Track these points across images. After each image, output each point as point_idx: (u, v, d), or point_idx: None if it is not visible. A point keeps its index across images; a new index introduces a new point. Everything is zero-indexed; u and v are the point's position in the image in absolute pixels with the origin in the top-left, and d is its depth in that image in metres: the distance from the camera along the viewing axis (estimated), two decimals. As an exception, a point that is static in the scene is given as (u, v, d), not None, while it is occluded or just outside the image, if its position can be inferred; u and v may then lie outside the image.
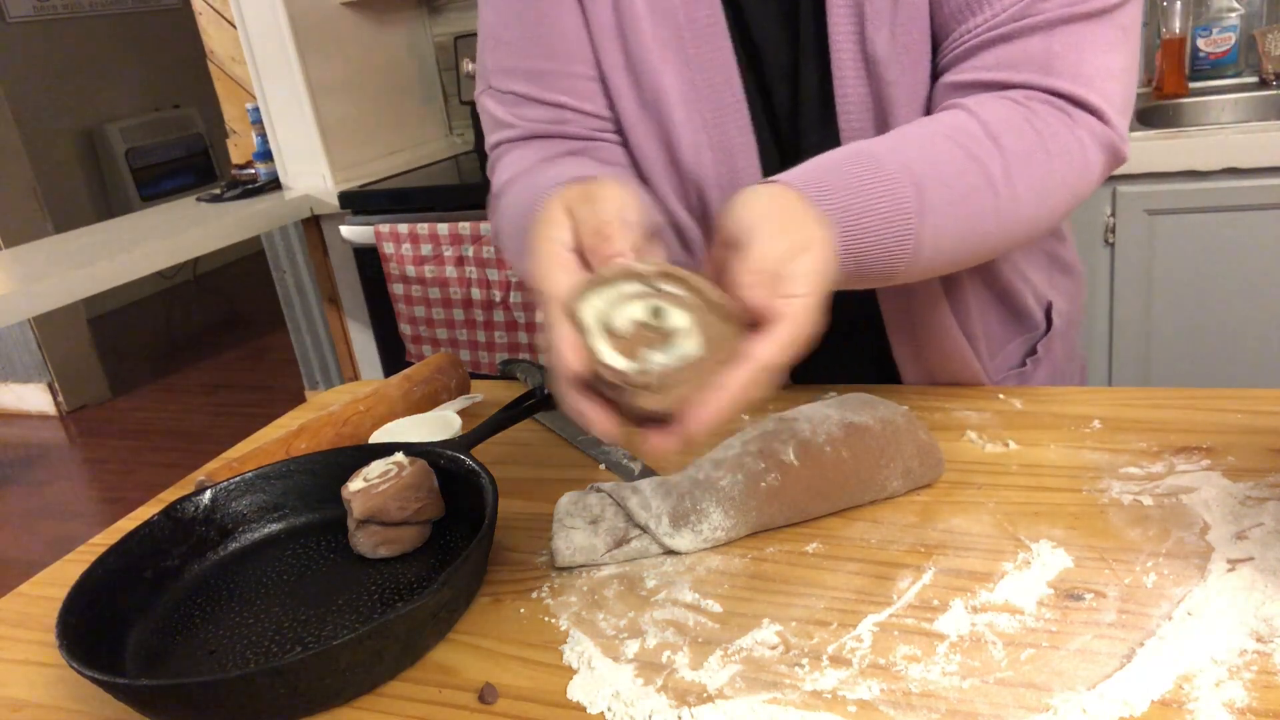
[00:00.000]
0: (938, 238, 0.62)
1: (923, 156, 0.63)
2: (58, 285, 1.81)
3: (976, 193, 0.63)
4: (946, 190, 0.62)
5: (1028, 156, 0.65)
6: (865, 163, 0.61)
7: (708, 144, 0.78)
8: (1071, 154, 0.67)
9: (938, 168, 0.62)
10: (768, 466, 0.64)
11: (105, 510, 3.11)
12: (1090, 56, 0.67)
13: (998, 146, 0.64)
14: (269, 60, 2.30)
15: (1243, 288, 1.67)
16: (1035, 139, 0.65)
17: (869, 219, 0.59)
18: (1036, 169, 0.65)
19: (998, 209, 0.64)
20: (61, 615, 0.58)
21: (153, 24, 5.17)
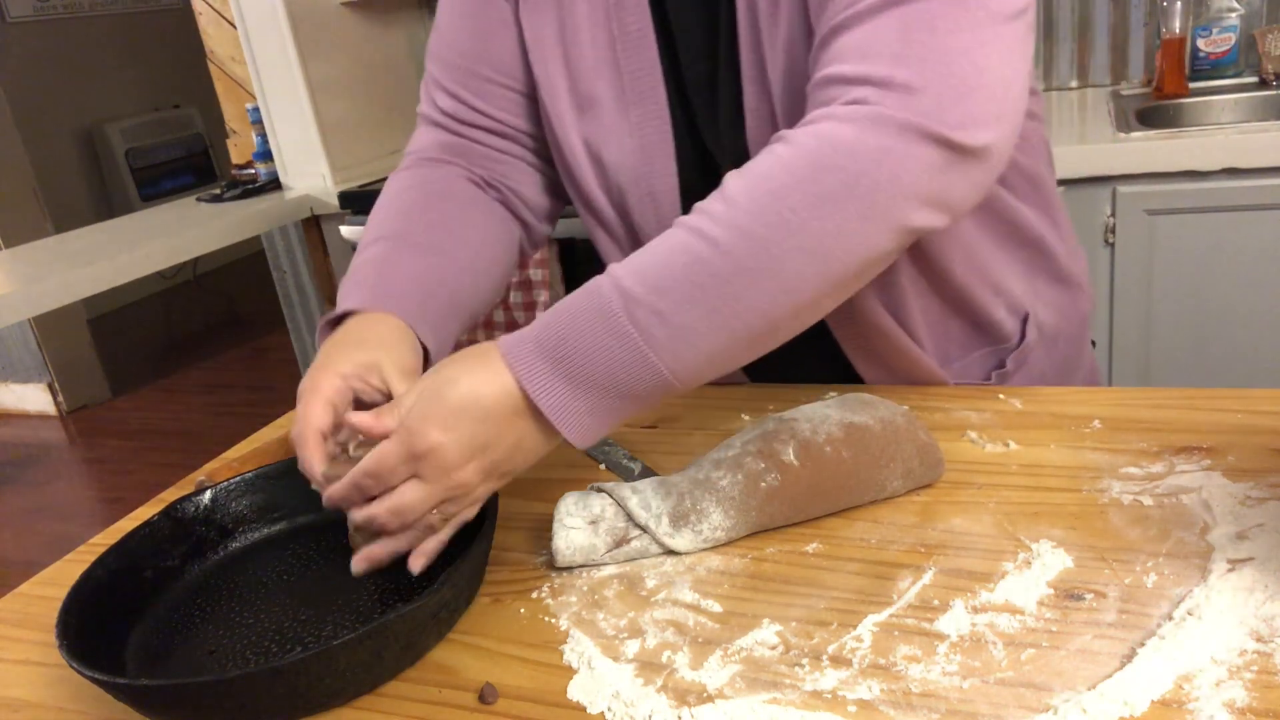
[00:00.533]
0: (689, 355, 0.59)
1: (655, 283, 0.59)
2: (58, 285, 1.81)
3: (722, 296, 0.58)
4: (683, 311, 0.58)
5: (786, 220, 0.59)
6: (590, 313, 0.59)
7: (631, 146, 0.81)
8: (862, 185, 0.58)
9: (669, 292, 0.59)
10: (768, 466, 0.64)
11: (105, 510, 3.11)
12: (928, 36, 0.59)
13: (744, 232, 0.59)
14: (269, 60, 2.30)
15: (1243, 288, 1.67)
16: (797, 195, 0.59)
17: (599, 370, 0.59)
18: (801, 227, 0.59)
19: (761, 295, 0.59)
20: (61, 615, 0.58)
21: (153, 24, 5.17)
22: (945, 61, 0.59)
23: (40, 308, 1.81)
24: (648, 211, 0.83)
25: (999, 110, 0.61)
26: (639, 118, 0.81)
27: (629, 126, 0.81)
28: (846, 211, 0.58)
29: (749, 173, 0.61)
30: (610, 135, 0.82)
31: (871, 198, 0.58)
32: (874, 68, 0.60)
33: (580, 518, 0.64)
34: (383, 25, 2.50)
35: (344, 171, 2.39)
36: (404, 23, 2.57)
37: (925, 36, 0.59)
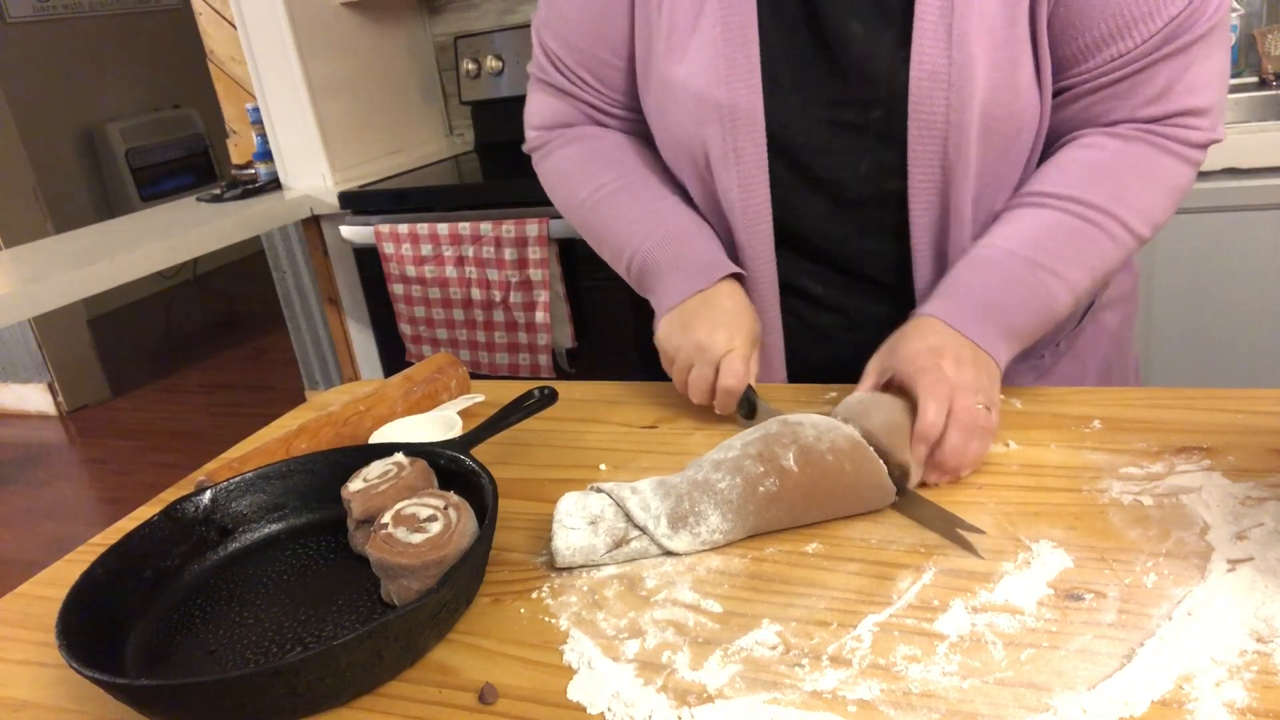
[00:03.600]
0: (1071, 302, 0.78)
1: (1048, 249, 0.78)
2: (58, 285, 1.81)
3: (1096, 255, 0.78)
4: (1070, 269, 0.77)
5: (1133, 194, 0.78)
6: (1000, 272, 0.77)
7: (714, 102, 0.84)
8: (1174, 183, 0.79)
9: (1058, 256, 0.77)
10: (766, 471, 0.64)
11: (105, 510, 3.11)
12: (1201, 71, 0.77)
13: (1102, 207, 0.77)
14: (269, 60, 2.30)
15: (1243, 288, 1.67)
16: (1142, 181, 0.78)
17: (1019, 318, 0.76)
18: (1141, 200, 0.78)
19: (1116, 255, 0.78)
20: (61, 615, 0.58)
21: (153, 24, 5.17)
22: (1221, 91, 0.79)
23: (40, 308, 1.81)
24: (730, 162, 0.85)
25: None
26: (729, 69, 0.82)
27: (724, 71, 0.83)
28: (1164, 199, 0.79)
29: (1116, 165, 0.78)
30: (704, 78, 0.83)
31: (1174, 195, 0.80)
32: (1175, 104, 0.77)
33: (580, 518, 0.64)
34: (383, 25, 2.50)
35: (344, 171, 2.38)
36: (404, 23, 2.57)
37: (1214, 68, 0.77)
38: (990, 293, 0.76)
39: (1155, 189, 0.79)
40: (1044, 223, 0.78)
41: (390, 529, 0.62)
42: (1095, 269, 0.78)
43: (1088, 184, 0.78)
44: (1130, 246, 0.79)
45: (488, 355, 2.11)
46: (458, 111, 2.70)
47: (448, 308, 2.10)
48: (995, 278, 0.77)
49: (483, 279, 2.02)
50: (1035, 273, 0.76)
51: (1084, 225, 0.77)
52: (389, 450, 0.73)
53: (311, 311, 2.89)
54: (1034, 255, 0.77)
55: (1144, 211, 0.78)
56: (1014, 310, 0.76)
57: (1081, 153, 0.80)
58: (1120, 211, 0.77)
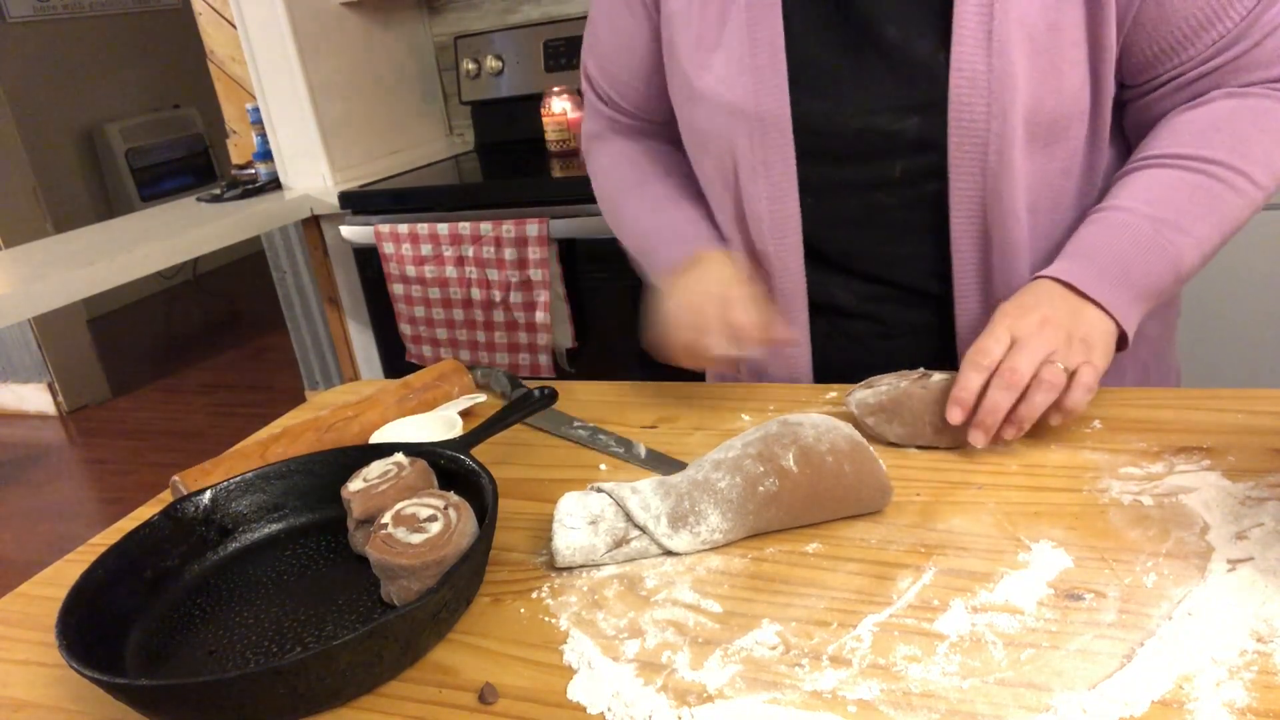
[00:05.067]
0: (1197, 258, 0.76)
1: (1175, 205, 0.76)
2: (58, 285, 1.81)
3: (1222, 211, 0.76)
4: (1196, 225, 0.76)
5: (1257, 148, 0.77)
6: (1126, 232, 0.76)
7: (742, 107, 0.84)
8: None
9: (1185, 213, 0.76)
10: (766, 471, 0.64)
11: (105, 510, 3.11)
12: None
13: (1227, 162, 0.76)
14: (269, 60, 2.30)
15: (1243, 288, 1.67)
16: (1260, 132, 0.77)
17: (1141, 277, 0.75)
18: (1263, 150, 0.77)
19: (1241, 209, 0.77)
20: (61, 615, 0.58)
21: (153, 24, 5.17)
22: None
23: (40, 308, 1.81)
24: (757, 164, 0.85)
25: None
26: (754, 65, 0.83)
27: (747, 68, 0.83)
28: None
29: (1207, 119, 0.77)
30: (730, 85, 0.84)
31: None
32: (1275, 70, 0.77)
33: (580, 518, 0.64)
34: (383, 25, 2.50)
35: (344, 171, 2.39)
36: (404, 23, 2.57)
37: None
38: (1114, 251, 0.75)
39: (1277, 138, 0.77)
40: (1163, 182, 0.77)
41: (390, 529, 0.62)
42: (1222, 224, 0.77)
43: (1204, 140, 0.77)
44: (1256, 199, 0.77)
45: (488, 355, 2.11)
46: (458, 111, 2.70)
47: (448, 308, 2.10)
48: (1119, 236, 0.76)
49: (483, 279, 2.02)
50: (1160, 230, 0.75)
51: (1206, 180, 0.76)
52: (389, 450, 0.73)
53: (311, 311, 2.89)
54: (1157, 213, 0.76)
55: (1267, 162, 0.77)
56: (1139, 268, 0.75)
57: (1194, 112, 0.79)
58: (1241, 164, 0.76)
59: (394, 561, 0.60)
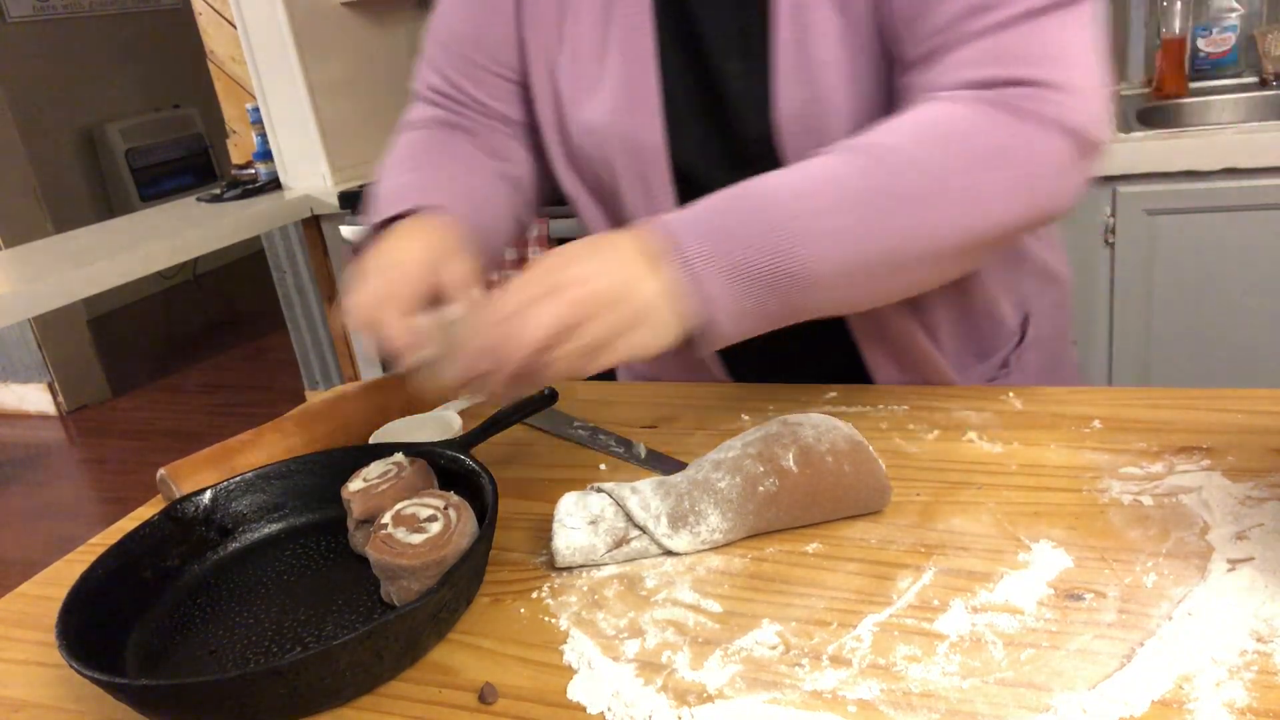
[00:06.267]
0: (831, 259, 0.62)
1: (810, 188, 0.63)
2: (58, 285, 1.81)
3: (869, 211, 0.63)
4: (832, 216, 0.62)
5: (949, 167, 0.64)
6: (747, 202, 0.63)
7: (623, 127, 0.82)
8: (1016, 155, 0.64)
9: (824, 193, 0.63)
10: (766, 471, 0.64)
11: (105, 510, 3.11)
12: (1056, 41, 0.66)
13: (913, 164, 0.63)
14: (269, 60, 2.30)
15: (1243, 288, 1.67)
16: (965, 149, 0.64)
17: (748, 254, 0.61)
18: (961, 179, 0.64)
19: (908, 224, 0.63)
20: (61, 615, 0.58)
21: (153, 24, 5.17)
22: (1070, 65, 0.65)
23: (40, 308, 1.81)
24: (637, 190, 0.84)
25: (1106, 109, 0.66)
26: (628, 96, 0.81)
27: (619, 103, 0.82)
28: (1002, 175, 0.63)
29: (905, 121, 0.65)
30: (609, 115, 0.83)
31: (1023, 170, 0.64)
32: (1010, 71, 0.65)
33: (580, 518, 0.64)
34: (383, 25, 2.50)
35: (344, 171, 2.39)
36: (404, 23, 2.57)
37: (1051, 43, 0.65)
38: (720, 215, 0.63)
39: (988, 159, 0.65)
40: (819, 165, 0.66)
41: (390, 529, 0.62)
42: (874, 223, 0.63)
43: (889, 129, 0.66)
44: (951, 222, 0.63)
45: (488, 355, 2.11)
46: (458, 111, 2.70)
47: (448, 308, 2.10)
48: (732, 204, 0.64)
49: (483, 279, 2.02)
50: (775, 204, 0.63)
51: (869, 164, 0.64)
52: (389, 450, 0.73)
53: (311, 311, 2.89)
54: (792, 187, 0.64)
55: (965, 178, 0.64)
56: (742, 237, 0.62)
57: (911, 114, 0.68)
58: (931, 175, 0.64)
59: (394, 561, 0.60)
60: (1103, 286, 1.75)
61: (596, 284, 0.59)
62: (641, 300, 0.61)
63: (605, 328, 0.60)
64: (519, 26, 0.87)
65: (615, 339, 0.60)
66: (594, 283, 0.59)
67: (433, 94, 0.91)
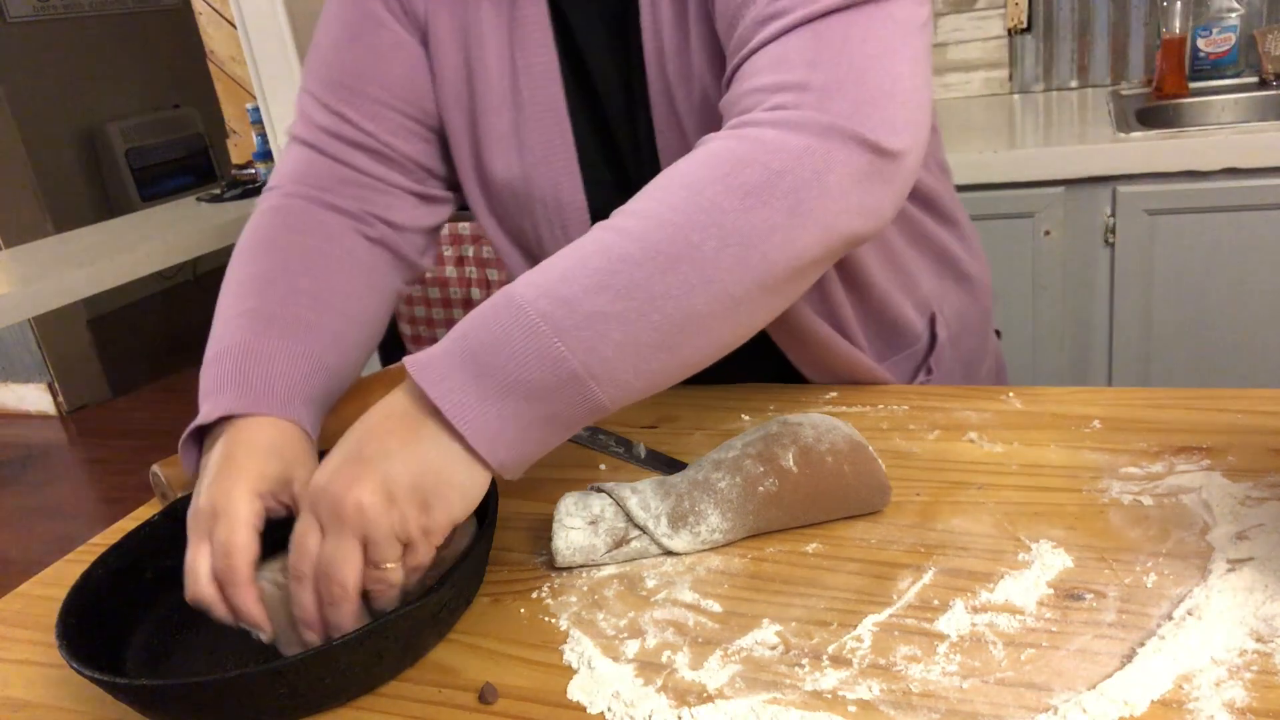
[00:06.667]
0: (602, 346, 0.55)
1: (563, 273, 0.56)
2: (58, 285, 1.81)
3: (633, 281, 0.55)
4: (592, 297, 0.55)
5: (720, 208, 0.57)
6: (501, 309, 0.56)
7: (542, 178, 0.81)
8: (794, 179, 0.57)
9: (576, 280, 0.56)
10: (766, 471, 0.64)
11: (105, 510, 3.11)
12: (848, 42, 0.60)
13: (675, 216, 0.57)
14: (269, 60, 2.30)
15: (1243, 288, 1.67)
16: (733, 185, 0.57)
17: (507, 366, 0.54)
18: (735, 219, 0.56)
19: (684, 283, 0.56)
20: (61, 615, 0.58)
21: (153, 24, 5.17)
22: (860, 69, 0.59)
23: (40, 308, 1.81)
24: (560, 241, 0.84)
25: (910, 116, 0.61)
26: (544, 150, 0.81)
27: (535, 158, 0.81)
28: (772, 207, 0.56)
29: (666, 173, 0.60)
30: (517, 167, 0.82)
31: (797, 195, 0.57)
32: (790, 75, 0.60)
33: (580, 518, 0.64)
34: (383, 25, 2.51)
35: (344, 171, 2.38)
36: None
37: (839, 46, 0.60)
38: (479, 338, 0.55)
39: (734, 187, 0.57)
40: (581, 247, 0.58)
41: None
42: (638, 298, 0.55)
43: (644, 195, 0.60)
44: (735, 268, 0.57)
45: (488, 355, 2.11)
46: (458, 111, 2.70)
47: (448, 308, 2.10)
48: (492, 320, 0.56)
49: (482, 279, 2.02)
50: (536, 304, 0.55)
51: (616, 240, 0.57)
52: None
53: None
54: (552, 286, 0.56)
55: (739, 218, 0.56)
56: (503, 357, 0.54)
57: (677, 164, 0.61)
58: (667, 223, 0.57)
59: None
60: (1103, 286, 1.75)
61: (366, 496, 0.53)
62: (426, 476, 0.54)
63: (389, 504, 0.54)
64: (425, 68, 0.83)
65: (426, 522, 0.55)
66: (364, 490, 0.53)
67: (318, 133, 0.82)
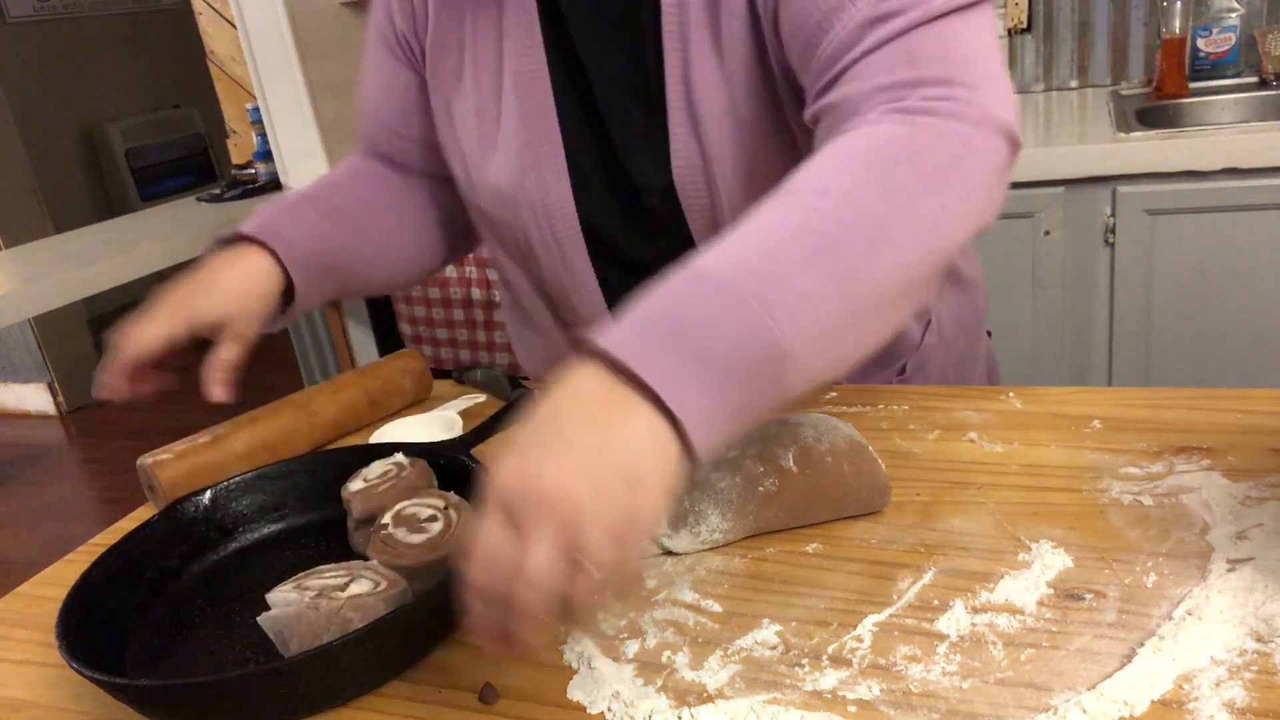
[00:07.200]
0: (810, 326, 0.51)
1: (762, 249, 0.53)
2: (58, 285, 1.81)
3: (839, 261, 0.53)
4: (800, 276, 0.52)
5: (912, 190, 0.57)
6: (697, 286, 0.52)
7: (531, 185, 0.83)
8: (967, 163, 0.59)
9: (781, 258, 0.53)
10: (766, 471, 0.64)
11: (105, 510, 3.11)
12: (963, 42, 0.63)
13: (872, 195, 0.56)
14: (269, 60, 2.30)
15: (1243, 288, 1.67)
16: (919, 168, 0.58)
17: (716, 345, 0.49)
18: (926, 200, 0.57)
19: (883, 263, 0.55)
20: (61, 615, 0.58)
21: (153, 24, 5.17)
22: (985, 66, 0.63)
23: (40, 308, 1.81)
24: (551, 249, 0.85)
25: (1018, 113, 0.64)
26: (532, 157, 0.82)
27: (524, 164, 0.82)
28: (950, 192, 0.58)
29: (836, 149, 0.59)
30: (506, 174, 0.83)
31: (969, 182, 0.59)
32: (928, 71, 0.61)
33: (580, 518, 0.64)
34: (383, 25, 2.50)
35: (344, 171, 2.38)
36: (404, 23, 2.57)
37: (961, 45, 0.63)
38: (675, 314, 0.50)
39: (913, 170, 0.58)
40: (768, 222, 0.56)
41: (390, 529, 0.62)
42: (846, 278, 0.53)
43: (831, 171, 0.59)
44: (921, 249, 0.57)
45: (488, 355, 2.11)
46: (458, 111, 2.70)
47: (448, 308, 2.10)
48: (685, 295, 0.51)
49: (482, 279, 2.02)
50: (746, 283, 0.51)
51: (820, 221, 0.55)
52: (389, 450, 0.73)
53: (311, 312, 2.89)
54: (748, 261, 0.53)
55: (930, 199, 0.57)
56: (707, 334, 0.49)
57: (843, 143, 0.61)
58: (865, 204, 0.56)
59: (394, 562, 0.60)
60: (1103, 286, 1.75)
61: (575, 487, 0.46)
62: (630, 472, 0.47)
63: (610, 526, 0.46)
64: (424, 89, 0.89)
65: (629, 526, 0.47)
66: (572, 486, 0.46)
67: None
